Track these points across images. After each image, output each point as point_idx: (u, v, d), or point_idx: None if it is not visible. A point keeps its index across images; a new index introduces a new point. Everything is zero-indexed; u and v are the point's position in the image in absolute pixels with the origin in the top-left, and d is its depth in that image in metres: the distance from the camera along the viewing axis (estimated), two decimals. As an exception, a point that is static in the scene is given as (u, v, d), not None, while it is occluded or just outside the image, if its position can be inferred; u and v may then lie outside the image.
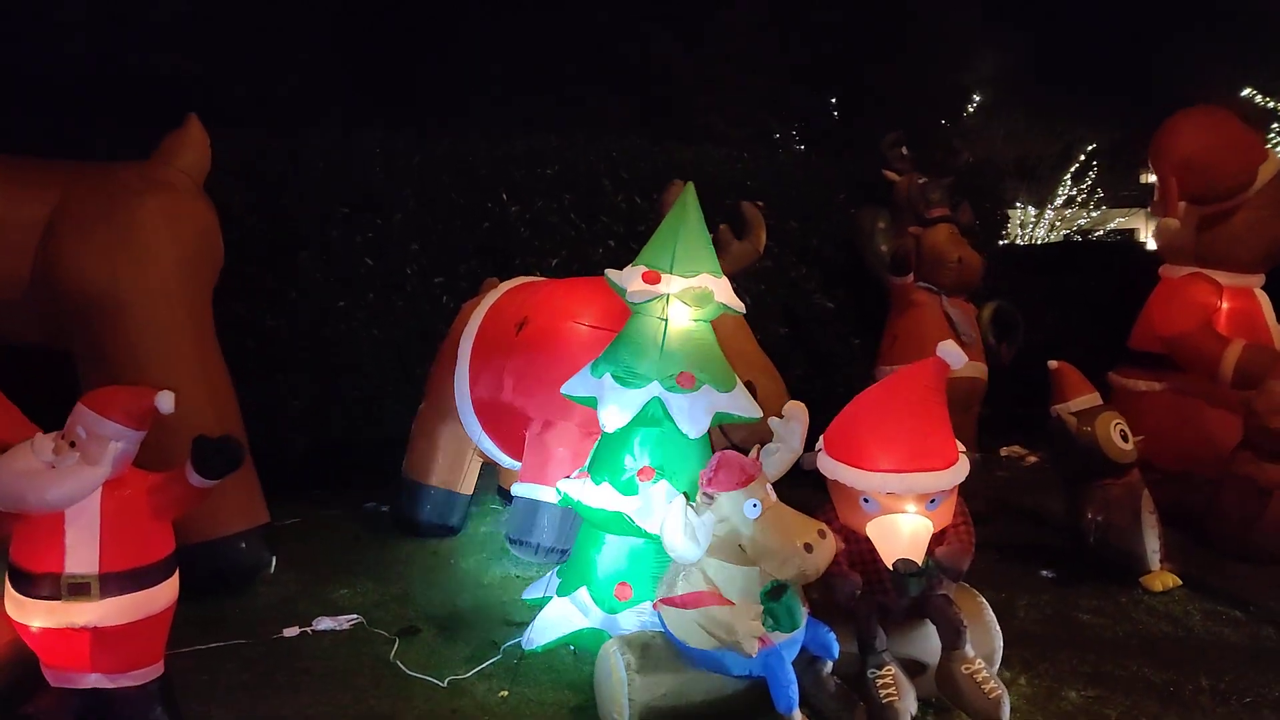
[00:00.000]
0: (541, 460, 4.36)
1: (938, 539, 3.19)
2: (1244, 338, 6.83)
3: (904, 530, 2.93)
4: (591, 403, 3.54)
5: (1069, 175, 23.21)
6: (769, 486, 2.92)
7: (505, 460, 5.01)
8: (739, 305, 3.58)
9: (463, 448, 5.21)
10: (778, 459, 3.15)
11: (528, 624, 3.78)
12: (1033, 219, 23.19)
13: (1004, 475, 6.88)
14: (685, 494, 3.04)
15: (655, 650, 3.09)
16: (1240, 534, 4.99)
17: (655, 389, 3.38)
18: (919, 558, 2.94)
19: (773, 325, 6.92)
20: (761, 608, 2.84)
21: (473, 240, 6.38)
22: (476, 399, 4.94)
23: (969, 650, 3.15)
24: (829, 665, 3.12)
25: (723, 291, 3.51)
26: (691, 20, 7.21)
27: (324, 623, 3.98)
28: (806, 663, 3.10)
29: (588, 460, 3.70)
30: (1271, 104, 17.65)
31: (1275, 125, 18.24)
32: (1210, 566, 4.86)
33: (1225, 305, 7.03)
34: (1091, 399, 4.78)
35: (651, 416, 3.40)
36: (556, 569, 4.01)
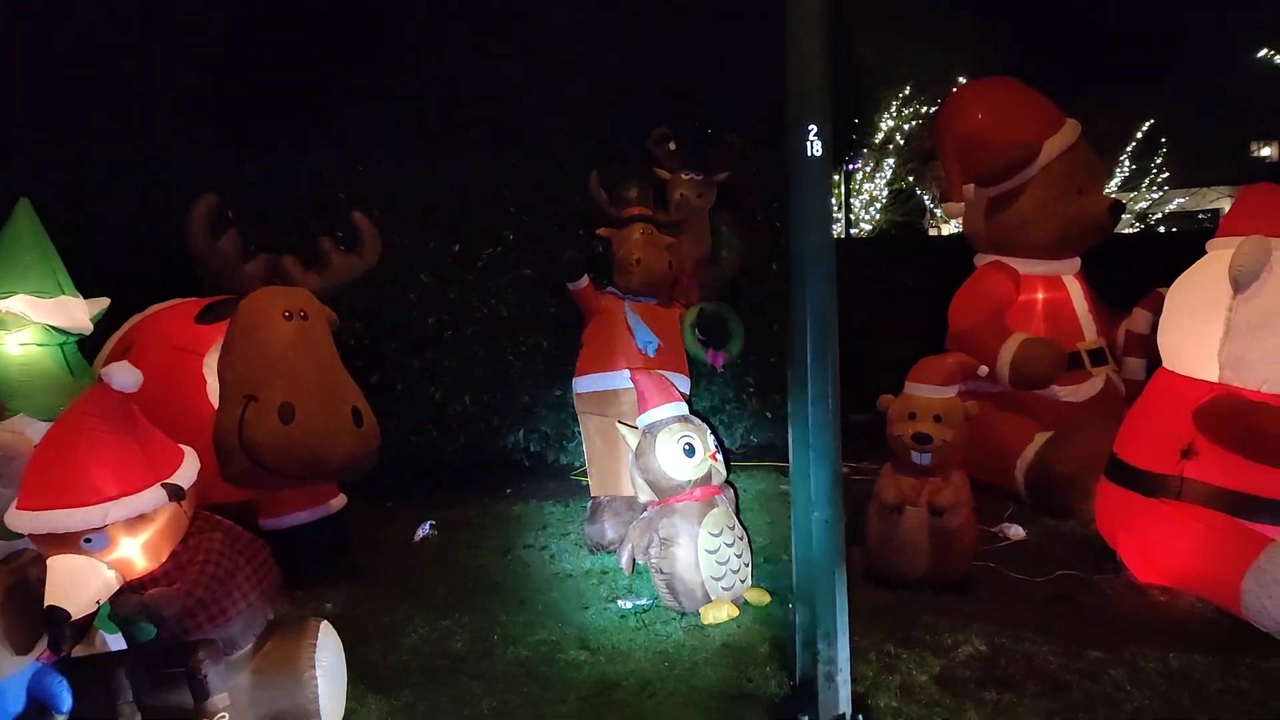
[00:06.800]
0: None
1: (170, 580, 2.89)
2: (1050, 330, 6.11)
3: (61, 574, 2.64)
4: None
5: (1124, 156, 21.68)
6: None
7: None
8: (82, 326, 3.36)
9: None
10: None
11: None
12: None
13: (786, 490, 6.36)
14: None
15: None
16: (878, 555, 4.41)
17: (-37, 424, 3.23)
18: (77, 604, 2.63)
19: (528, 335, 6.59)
20: None
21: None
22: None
23: (215, 703, 2.85)
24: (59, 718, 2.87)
25: (50, 312, 3.31)
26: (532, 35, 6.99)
27: None
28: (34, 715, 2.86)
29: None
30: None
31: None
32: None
33: (1041, 296, 6.35)
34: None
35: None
36: None
